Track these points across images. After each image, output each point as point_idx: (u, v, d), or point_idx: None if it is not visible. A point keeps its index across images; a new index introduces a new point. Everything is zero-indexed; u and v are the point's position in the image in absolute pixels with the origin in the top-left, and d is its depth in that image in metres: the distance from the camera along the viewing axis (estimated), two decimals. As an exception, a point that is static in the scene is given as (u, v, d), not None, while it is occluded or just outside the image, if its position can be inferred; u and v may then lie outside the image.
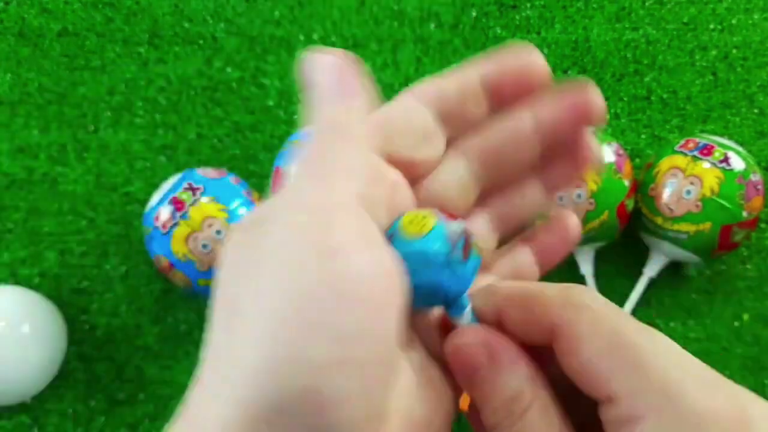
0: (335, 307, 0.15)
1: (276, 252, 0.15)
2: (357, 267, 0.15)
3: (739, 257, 0.53)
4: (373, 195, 0.17)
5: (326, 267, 0.15)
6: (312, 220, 0.15)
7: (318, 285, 0.15)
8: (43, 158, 0.54)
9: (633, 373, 0.15)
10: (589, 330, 0.16)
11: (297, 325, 0.14)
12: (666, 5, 0.61)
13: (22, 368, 0.46)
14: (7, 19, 0.58)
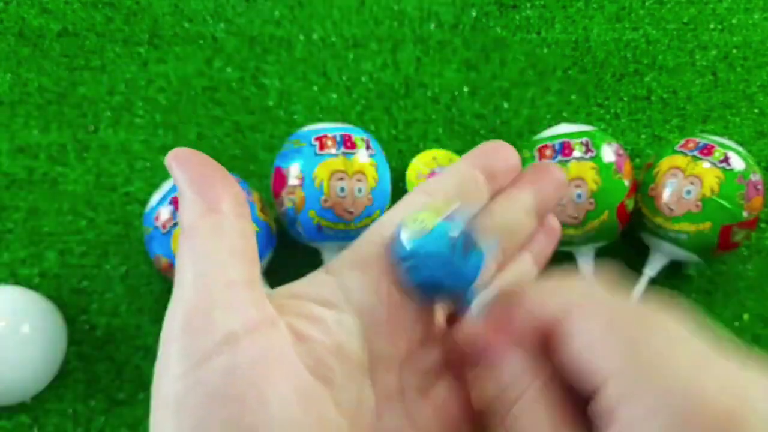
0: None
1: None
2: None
3: (739, 257, 0.53)
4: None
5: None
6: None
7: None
8: (43, 158, 0.54)
9: (627, 357, 0.16)
10: (590, 312, 0.17)
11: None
12: (666, 5, 0.61)
13: (22, 368, 0.46)
14: (7, 19, 0.58)
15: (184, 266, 0.18)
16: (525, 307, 0.18)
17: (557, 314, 0.17)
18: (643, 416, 0.15)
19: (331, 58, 0.58)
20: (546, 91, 0.58)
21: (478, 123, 0.57)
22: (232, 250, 0.18)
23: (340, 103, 0.57)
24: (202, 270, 0.18)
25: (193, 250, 0.18)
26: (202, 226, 0.18)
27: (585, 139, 0.47)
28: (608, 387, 0.16)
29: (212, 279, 0.18)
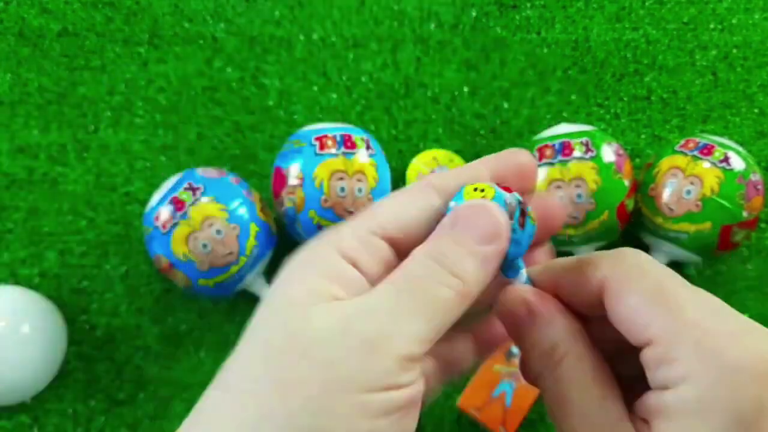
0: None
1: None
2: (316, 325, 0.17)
3: (739, 257, 0.53)
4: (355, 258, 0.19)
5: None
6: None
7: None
8: (43, 158, 0.54)
9: (671, 319, 0.17)
10: (635, 280, 0.18)
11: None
12: (666, 5, 0.61)
13: (22, 368, 0.46)
14: (7, 19, 0.58)
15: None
16: (582, 268, 0.20)
17: (611, 275, 0.19)
18: (687, 374, 0.16)
19: (331, 58, 0.58)
20: (546, 91, 0.58)
21: (478, 123, 0.57)
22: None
23: (340, 103, 0.57)
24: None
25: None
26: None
27: (585, 139, 0.47)
28: (655, 345, 0.17)
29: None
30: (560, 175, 0.46)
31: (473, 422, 0.48)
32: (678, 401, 0.17)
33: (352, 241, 0.19)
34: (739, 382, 0.16)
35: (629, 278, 0.19)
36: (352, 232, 0.19)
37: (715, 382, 0.16)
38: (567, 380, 0.19)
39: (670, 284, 0.18)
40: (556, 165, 0.46)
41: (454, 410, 0.49)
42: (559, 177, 0.46)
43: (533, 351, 0.20)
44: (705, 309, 0.18)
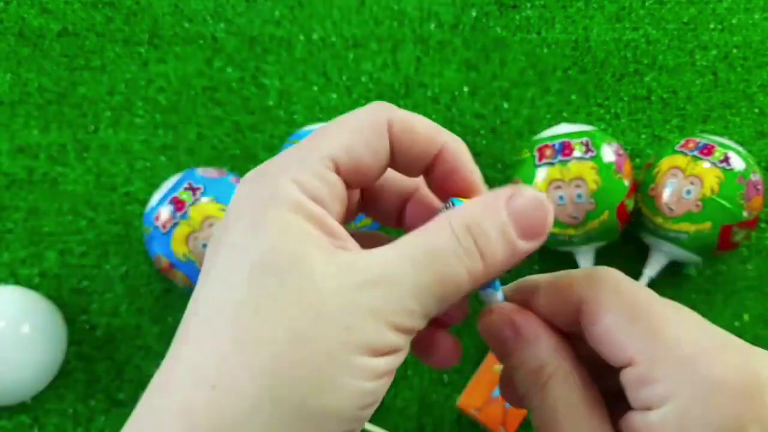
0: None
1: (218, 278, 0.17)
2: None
3: (739, 257, 0.53)
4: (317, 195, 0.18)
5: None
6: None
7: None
8: (43, 158, 0.54)
9: (650, 339, 0.17)
10: (611, 301, 0.18)
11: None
12: (666, 5, 0.61)
13: (22, 368, 0.46)
14: (7, 19, 0.58)
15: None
16: (558, 288, 0.20)
17: (587, 296, 0.19)
18: (668, 393, 0.17)
19: (331, 58, 0.58)
20: (546, 91, 0.58)
21: (478, 123, 0.57)
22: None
23: (340, 103, 0.57)
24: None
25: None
26: None
27: (585, 139, 0.47)
28: (635, 366, 0.17)
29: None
30: (560, 175, 0.46)
31: (473, 422, 0.48)
32: (661, 422, 0.17)
33: (313, 181, 0.18)
34: (719, 400, 0.16)
35: (605, 299, 0.19)
36: (309, 170, 0.18)
37: (696, 401, 0.16)
38: (555, 400, 0.19)
39: (646, 303, 0.18)
40: (556, 165, 0.46)
41: (454, 410, 0.49)
42: (559, 177, 0.46)
43: (520, 370, 0.20)
44: (683, 326, 0.18)
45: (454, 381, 0.50)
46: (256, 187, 0.18)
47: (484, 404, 0.46)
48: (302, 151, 0.19)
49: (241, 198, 0.19)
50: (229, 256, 0.17)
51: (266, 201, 0.18)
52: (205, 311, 0.17)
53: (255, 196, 0.18)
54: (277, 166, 0.19)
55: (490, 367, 0.47)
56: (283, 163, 0.19)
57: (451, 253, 0.18)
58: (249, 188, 0.19)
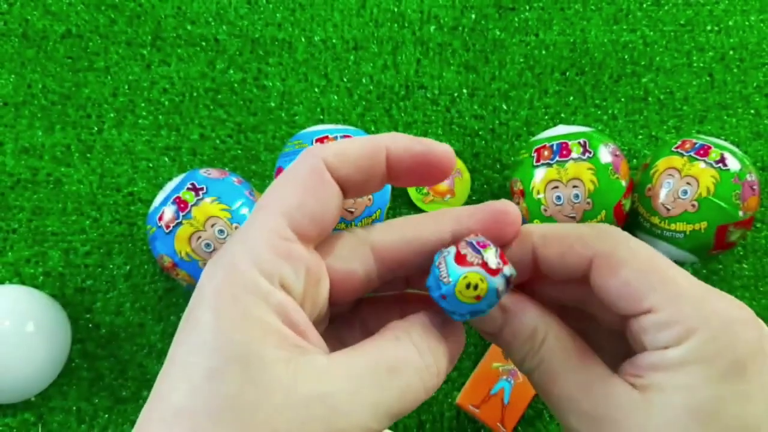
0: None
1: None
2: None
3: (735, 257, 0.54)
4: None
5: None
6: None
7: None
8: (48, 159, 0.55)
9: (667, 288, 0.19)
10: (629, 255, 0.19)
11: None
12: (663, 7, 0.61)
13: (26, 366, 0.46)
14: (11, 20, 0.59)
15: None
16: (563, 247, 0.21)
17: (601, 250, 0.20)
18: (689, 332, 0.18)
19: (332, 60, 0.59)
20: (544, 93, 0.59)
21: (477, 124, 0.57)
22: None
23: (341, 105, 0.58)
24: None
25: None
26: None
27: (582, 140, 0.47)
28: (655, 313, 0.19)
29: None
30: (558, 176, 0.47)
31: (472, 419, 0.49)
32: (682, 354, 0.18)
33: (270, 256, 0.18)
34: (735, 330, 0.18)
35: (620, 253, 0.20)
36: (267, 242, 0.18)
37: (715, 334, 0.18)
38: (551, 355, 0.20)
39: (657, 259, 0.20)
40: (554, 166, 0.47)
41: (453, 407, 0.50)
42: (556, 177, 0.47)
43: (515, 342, 0.21)
44: (691, 279, 0.19)
45: (453, 378, 0.50)
46: (217, 272, 0.18)
47: (482, 401, 0.47)
48: (254, 225, 0.19)
49: (205, 284, 0.18)
50: (189, 355, 0.17)
51: (228, 292, 0.17)
52: (165, 410, 0.17)
53: (216, 284, 0.18)
54: (235, 248, 0.18)
55: (489, 365, 0.48)
56: (240, 244, 0.18)
57: (413, 372, 0.18)
58: (212, 272, 0.18)
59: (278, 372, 0.17)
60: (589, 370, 0.20)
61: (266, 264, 0.18)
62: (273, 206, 0.19)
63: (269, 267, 0.18)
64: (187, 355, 0.17)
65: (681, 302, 0.18)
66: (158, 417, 0.17)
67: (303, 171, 0.19)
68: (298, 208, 0.19)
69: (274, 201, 0.19)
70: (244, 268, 0.18)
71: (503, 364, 0.48)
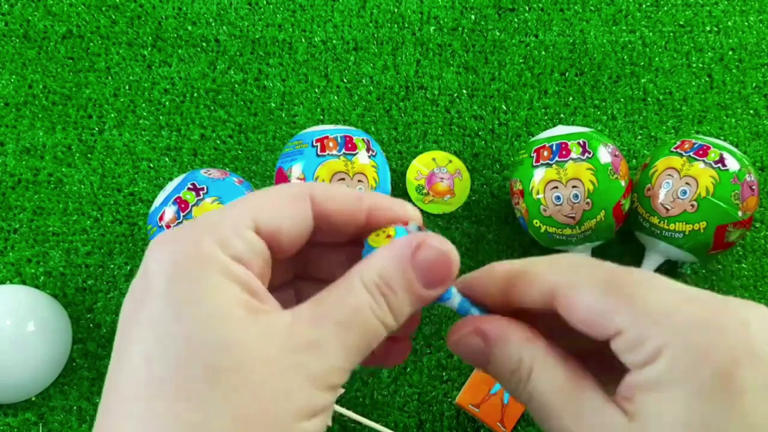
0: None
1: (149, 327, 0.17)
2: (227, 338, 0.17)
3: (734, 256, 0.54)
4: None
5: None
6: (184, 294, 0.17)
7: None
8: (49, 159, 0.55)
9: (630, 306, 0.18)
10: (582, 281, 0.19)
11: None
12: (662, 8, 0.61)
13: (27, 366, 0.46)
14: (12, 21, 0.59)
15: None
16: (525, 283, 0.20)
17: (558, 282, 0.20)
18: (661, 346, 0.17)
19: (333, 60, 0.59)
20: (543, 93, 0.59)
21: (476, 124, 0.58)
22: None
23: (341, 105, 0.58)
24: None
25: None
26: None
27: (582, 140, 0.47)
28: (624, 334, 0.18)
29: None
30: (557, 176, 0.47)
31: (472, 419, 0.49)
32: (659, 372, 0.17)
33: (236, 242, 0.18)
34: (709, 338, 0.17)
35: (577, 279, 0.19)
36: (232, 232, 0.19)
37: (688, 345, 0.17)
38: (542, 390, 0.19)
39: (613, 274, 0.19)
40: (554, 166, 0.47)
41: (453, 407, 0.50)
42: (556, 178, 0.47)
43: (502, 374, 0.21)
44: (653, 286, 0.19)
45: (452, 378, 0.50)
46: (177, 249, 0.18)
47: (482, 401, 0.47)
48: (222, 214, 0.19)
49: (157, 264, 0.18)
50: (153, 329, 0.17)
51: (190, 264, 0.18)
52: (135, 390, 0.17)
53: (176, 260, 0.18)
54: (197, 227, 0.19)
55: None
56: (204, 225, 0.19)
57: (368, 310, 0.19)
58: (168, 250, 0.18)
59: (248, 336, 0.17)
60: (582, 399, 0.19)
61: (227, 241, 0.18)
62: (242, 207, 0.19)
63: (229, 244, 0.18)
64: (146, 344, 0.17)
65: (646, 319, 0.18)
66: (120, 410, 0.17)
67: (284, 191, 0.20)
68: (267, 215, 0.20)
69: (246, 204, 0.20)
70: (205, 243, 0.18)
71: (503, 363, 0.48)
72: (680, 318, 0.17)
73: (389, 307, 0.19)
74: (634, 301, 0.18)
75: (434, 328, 0.52)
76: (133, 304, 0.18)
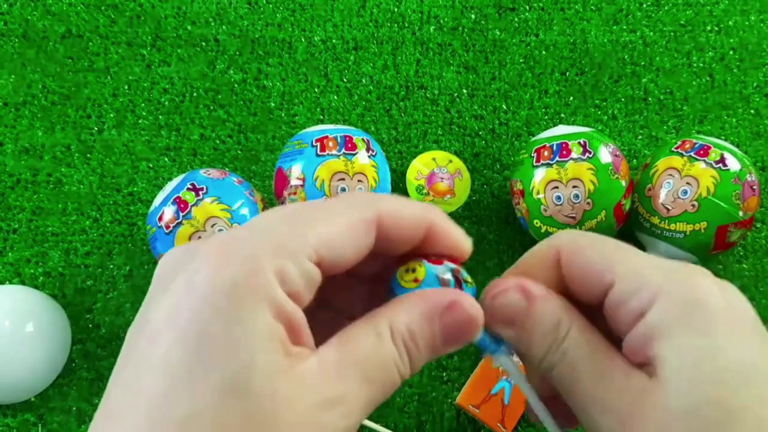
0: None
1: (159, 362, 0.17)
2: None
3: (735, 257, 0.54)
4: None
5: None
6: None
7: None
8: (48, 159, 0.55)
9: (623, 261, 0.21)
10: (589, 242, 0.22)
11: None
12: (663, 7, 0.61)
13: (26, 367, 0.46)
14: (11, 20, 0.59)
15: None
16: (541, 253, 0.22)
17: (566, 243, 0.22)
18: (654, 295, 0.19)
19: (332, 60, 0.59)
20: (544, 93, 0.59)
21: (476, 124, 0.57)
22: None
23: (341, 105, 0.58)
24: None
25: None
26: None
27: (582, 140, 0.47)
28: (618, 283, 0.20)
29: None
30: (558, 176, 0.47)
31: (472, 419, 0.49)
32: (660, 318, 0.19)
33: (294, 272, 0.17)
34: (696, 284, 0.19)
35: (581, 242, 0.22)
36: (293, 261, 0.17)
37: (680, 290, 0.19)
38: (576, 347, 0.20)
39: (609, 242, 0.22)
40: (554, 166, 0.47)
41: (453, 407, 0.50)
42: (556, 178, 0.47)
43: (536, 333, 0.21)
44: (651, 257, 0.21)
45: (453, 378, 0.50)
46: (233, 267, 0.17)
47: (482, 401, 0.47)
48: (288, 233, 0.18)
49: (209, 274, 0.17)
50: (177, 359, 0.16)
51: (244, 292, 0.17)
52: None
53: (231, 280, 0.17)
54: (260, 244, 0.17)
55: (489, 365, 0.48)
56: (268, 244, 0.17)
57: (393, 365, 0.19)
58: (224, 263, 0.17)
59: (281, 385, 0.17)
60: (613, 363, 0.20)
61: (288, 275, 0.17)
62: (308, 231, 0.18)
63: (290, 279, 0.17)
64: (187, 363, 0.16)
65: (639, 271, 0.20)
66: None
67: (354, 216, 0.19)
68: (332, 246, 0.19)
69: (311, 226, 0.18)
70: (265, 269, 0.17)
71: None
72: (668, 268, 0.20)
73: (410, 361, 0.19)
74: (626, 257, 0.21)
75: (434, 328, 0.51)
76: (169, 304, 0.17)
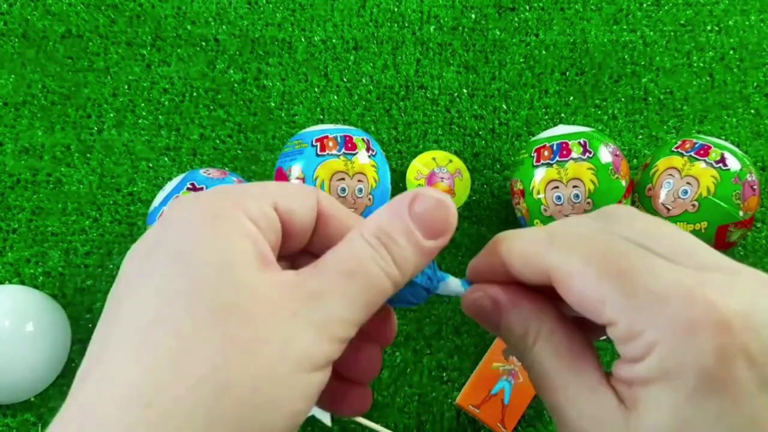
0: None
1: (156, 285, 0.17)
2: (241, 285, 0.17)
3: (735, 257, 0.54)
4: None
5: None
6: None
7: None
8: (48, 159, 0.55)
9: (623, 295, 0.18)
10: (581, 263, 0.19)
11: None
12: (663, 7, 0.61)
13: (26, 367, 0.46)
14: (10, 20, 0.59)
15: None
16: (527, 261, 0.20)
17: (553, 264, 0.19)
18: (652, 344, 0.17)
19: (332, 60, 0.59)
20: (544, 93, 0.59)
21: (477, 124, 0.57)
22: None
23: (341, 105, 0.58)
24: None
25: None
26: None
27: (582, 140, 0.47)
28: (617, 324, 0.18)
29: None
30: (558, 176, 0.47)
31: (472, 419, 0.49)
32: (646, 372, 0.17)
33: (256, 210, 0.19)
34: (697, 340, 0.16)
35: (573, 262, 0.19)
36: (254, 201, 0.19)
37: (675, 346, 0.17)
38: (542, 359, 0.20)
39: (613, 253, 0.18)
40: (554, 166, 0.47)
41: (453, 407, 0.50)
42: (556, 177, 0.47)
43: (509, 339, 0.21)
44: (653, 264, 0.18)
45: (453, 378, 0.50)
46: (197, 204, 0.19)
47: (482, 401, 0.47)
48: (244, 187, 0.20)
49: (177, 213, 0.19)
50: (168, 265, 0.17)
51: (214, 214, 0.18)
52: (139, 321, 0.17)
53: (196, 212, 0.19)
54: (219, 193, 0.20)
55: (489, 365, 0.48)
56: (226, 192, 0.20)
57: (370, 261, 0.19)
58: (189, 204, 0.19)
59: (257, 281, 0.18)
60: (579, 377, 0.19)
61: (248, 208, 0.19)
62: (263, 187, 0.20)
63: (250, 211, 0.19)
64: (164, 267, 0.17)
65: (637, 311, 0.17)
66: (128, 328, 0.17)
67: (297, 185, 0.22)
68: (284, 198, 0.20)
69: (266, 186, 0.21)
70: (229, 204, 0.19)
71: (503, 364, 0.48)
72: (671, 313, 0.17)
73: (392, 257, 0.19)
74: (627, 287, 0.17)
75: (434, 328, 0.51)
76: (145, 245, 0.18)
